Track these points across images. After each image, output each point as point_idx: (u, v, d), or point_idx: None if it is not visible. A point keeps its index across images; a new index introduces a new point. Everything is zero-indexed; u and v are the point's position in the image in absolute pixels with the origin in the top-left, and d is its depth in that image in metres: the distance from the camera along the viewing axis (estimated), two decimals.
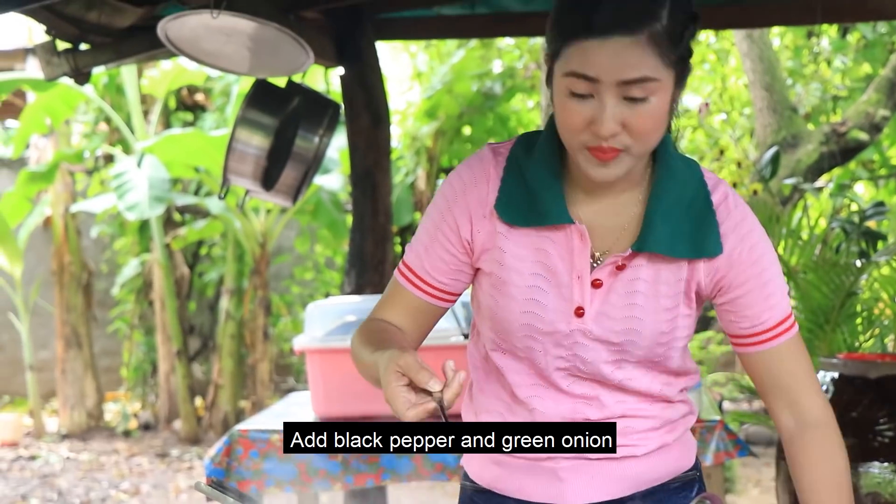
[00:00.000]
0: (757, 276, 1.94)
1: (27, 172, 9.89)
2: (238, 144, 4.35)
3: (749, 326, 1.96)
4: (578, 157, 1.83)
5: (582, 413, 1.97)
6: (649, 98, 1.76)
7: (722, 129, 9.44)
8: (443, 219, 1.98)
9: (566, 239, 1.91)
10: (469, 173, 1.98)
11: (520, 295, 1.93)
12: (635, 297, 1.91)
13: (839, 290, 4.59)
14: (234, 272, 10.56)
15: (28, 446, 10.23)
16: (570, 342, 1.93)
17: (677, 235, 1.89)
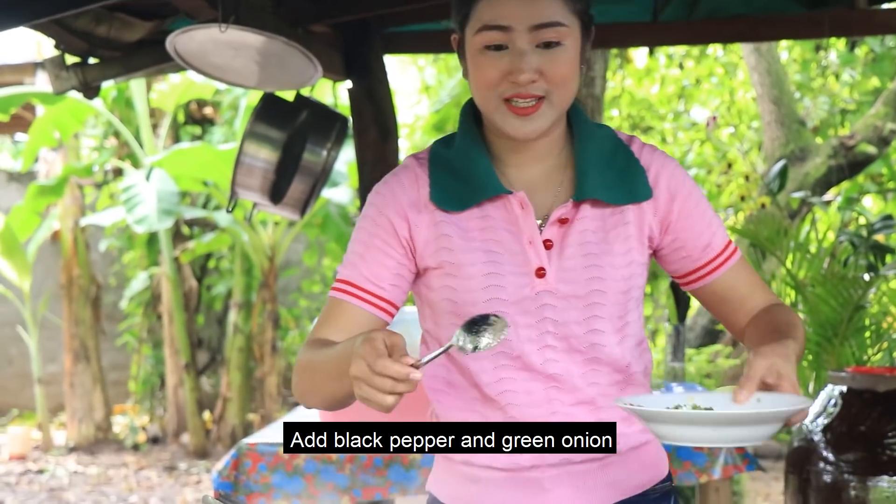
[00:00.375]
0: (695, 206, 2.02)
1: (36, 186, 9.91)
2: (246, 158, 4.36)
3: (700, 256, 2.03)
4: (496, 116, 1.90)
5: (556, 400, 1.95)
6: (562, 42, 1.86)
7: (730, 143, 9.45)
8: (376, 225, 1.98)
9: (507, 210, 1.95)
10: (395, 180, 2.01)
11: (477, 273, 1.94)
12: (589, 248, 1.95)
13: (847, 303, 4.58)
14: (243, 285, 10.57)
15: (36, 460, 10.24)
16: (538, 305, 1.93)
17: (610, 183, 1.96)
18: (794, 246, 4.87)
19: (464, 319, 1.88)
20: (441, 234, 1.96)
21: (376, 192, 2.02)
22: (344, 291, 1.98)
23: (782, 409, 1.62)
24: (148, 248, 10.79)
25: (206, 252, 10.76)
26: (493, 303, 1.93)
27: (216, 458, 9.74)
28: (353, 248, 2.00)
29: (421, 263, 1.99)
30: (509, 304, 1.93)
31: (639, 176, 1.98)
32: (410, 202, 1.98)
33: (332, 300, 1.99)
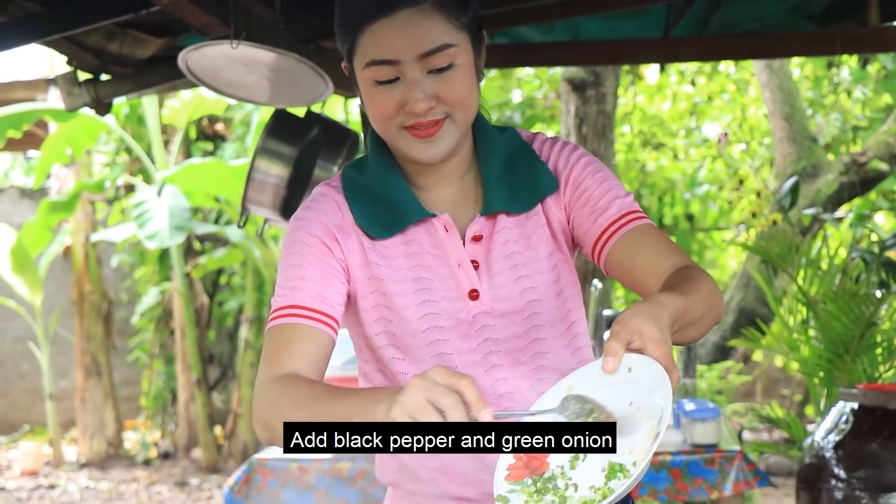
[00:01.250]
0: (591, 174, 1.94)
1: (48, 202, 9.95)
2: (258, 174, 4.37)
3: (604, 219, 1.89)
4: (399, 142, 1.85)
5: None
6: (453, 65, 1.80)
7: (741, 159, 9.44)
8: (308, 246, 1.89)
9: (430, 234, 1.91)
10: (316, 206, 1.94)
11: (411, 302, 1.89)
12: (515, 259, 1.91)
13: (859, 320, 4.57)
14: (254, 301, 10.57)
15: (48, 475, 10.24)
16: (478, 328, 1.90)
17: (517, 189, 1.92)
18: (805, 262, 4.86)
19: (405, 352, 1.90)
20: (370, 263, 1.91)
21: (299, 219, 1.93)
22: (294, 315, 1.85)
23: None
24: (159, 263, 10.81)
25: (218, 268, 10.77)
26: (431, 331, 1.89)
27: (227, 473, 9.74)
28: (287, 275, 1.89)
29: (352, 289, 1.92)
30: (447, 330, 1.90)
31: (542, 172, 1.94)
32: (337, 226, 1.91)
33: (282, 327, 1.86)
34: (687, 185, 10.25)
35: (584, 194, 1.93)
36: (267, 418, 1.76)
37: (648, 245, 1.87)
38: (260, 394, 1.80)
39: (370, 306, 1.92)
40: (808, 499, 3.81)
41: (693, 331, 1.71)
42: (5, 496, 9.41)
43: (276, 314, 1.88)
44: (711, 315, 1.77)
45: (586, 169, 1.95)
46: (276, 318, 1.87)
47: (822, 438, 3.86)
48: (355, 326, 1.98)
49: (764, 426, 8.36)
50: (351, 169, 1.98)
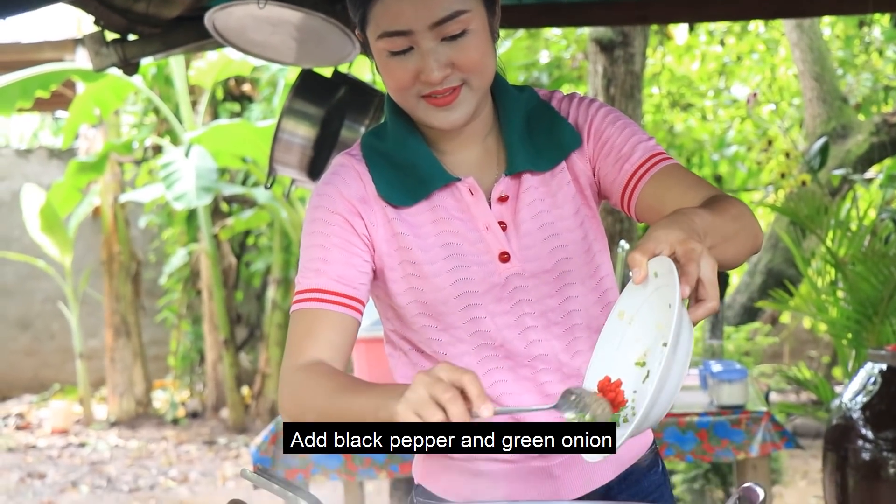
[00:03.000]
0: (611, 123, 1.92)
1: (77, 163, 9.98)
2: (284, 134, 4.36)
3: (630, 165, 1.87)
4: (418, 111, 1.84)
5: (546, 382, 1.92)
6: (466, 31, 1.78)
7: (770, 120, 9.38)
8: (330, 225, 1.88)
9: (456, 198, 1.90)
10: (337, 179, 1.92)
11: (441, 269, 1.88)
12: (542, 218, 1.90)
13: (888, 281, 4.55)
14: (281, 262, 10.60)
15: (78, 434, 10.33)
16: (510, 290, 1.89)
17: (540, 148, 1.91)
18: (834, 224, 4.84)
19: (437, 319, 1.89)
20: (396, 233, 1.89)
21: (320, 195, 1.92)
22: (318, 300, 1.85)
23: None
24: (187, 224, 10.85)
25: (245, 229, 10.80)
26: (464, 297, 1.88)
27: (255, 433, 9.80)
28: (311, 255, 1.88)
29: (378, 263, 1.91)
30: (480, 294, 1.89)
31: (564, 128, 1.93)
32: (359, 199, 1.90)
33: (306, 312, 1.86)
34: (715, 146, 10.19)
35: (606, 143, 1.92)
36: (290, 408, 1.79)
37: (678, 183, 1.84)
38: (284, 382, 1.81)
39: (399, 277, 1.90)
40: (834, 460, 3.81)
41: (730, 248, 1.66)
42: (36, 454, 9.51)
43: (300, 297, 1.88)
44: (747, 235, 1.72)
45: (606, 118, 1.93)
46: (300, 300, 1.88)
47: (850, 400, 3.85)
48: (384, 298, 1.96)
49: (791, 388, 8.34)
50: (370, 136, 1.96)
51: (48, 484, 8.32)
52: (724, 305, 5.05)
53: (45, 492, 8.05)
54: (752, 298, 7.48)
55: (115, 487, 8.17)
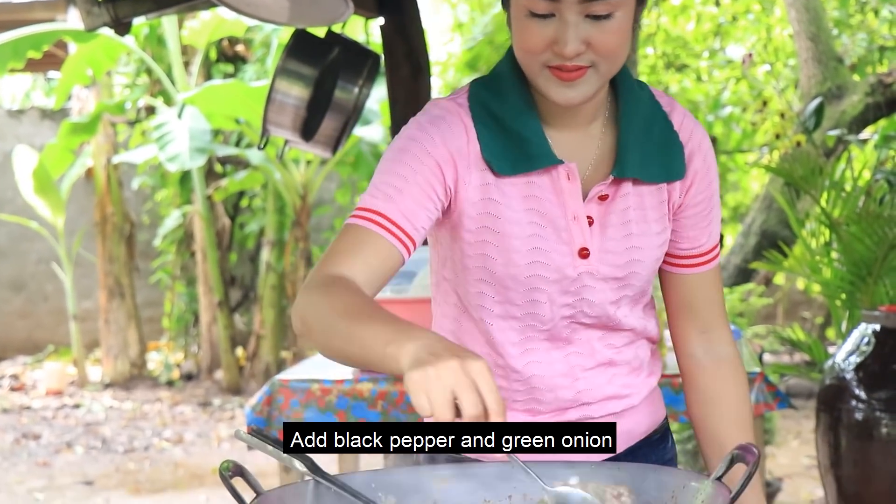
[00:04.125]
0: (709, 198, 1.94)
1: (69, 124, 9.94)
2: (277, 95, 4.35)
3: (687, 248, 1.96)
4: (539, 80, 1.76)
5: (577, 366, 1.93)
6: (613, 14, 1.70)
7: (766, 81, 9.36)
8: (422, 164, 1.79)
9: (553, 181, 1.84)
10: (443, 124, 1.83)
11: (522, 246, 1.83)
12: (630, 227, 1.87)
13: (882, 242, 4.54)
14: (275, 224, 10.60)
15: (72, 395, 10.36)
16: (578, 286, 1.86)
17: (649, 159, 1.86)
18: (829, 184, 4.83)
19: (498, 291, 1.86)
20: (487, 198, 1.83)
21: (422, 130, 1.83)
22: (376, 223, 1.76)
23: None
24: (181, 185, 10.83)
25: (239, 190, 10.79)
26: (534, 279, 1.85)
27: (249, 394, 9.83)
28: (388, 180, 1.79)
29: (456, 219, 1.85)
30: (550, 282, 1.85)
31: (677, 153, 1.88)
32: (460, 153, 1.82)
33: (359, 229, 1.77)
34: (710, 107, 10.17)
35: (697, 206, 1.94)
36: (304, 311, 1.68)
37: (705, 296, 2.00)
38: (308, 282, 1.72)
39: (475, 240, 1.86)
40: (827, 420, 3.82)
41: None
42: (31, 415, 9.53)
43: (360, 213, 1.78)
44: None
45: (711, 186, 1.94)
46: (358, 216, 1.78)
47: (843, 360, 3.85)
48: (450, 249, 1.91)
49: (785, 349, 8.36)
50: (482, 90, 1.88)
51: (43, 445, 8.34)
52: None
53: (39, 452, 8.07)
54: (746, 260, 7.49)
55: (110, 448, 8.19)
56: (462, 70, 10.22)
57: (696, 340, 2.01)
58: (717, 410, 2.00)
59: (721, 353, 2.01)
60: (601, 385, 1.95)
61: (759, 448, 1.55)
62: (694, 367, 2.02)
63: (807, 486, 6.55)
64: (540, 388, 1.93)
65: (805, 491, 6.42)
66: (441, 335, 1.48)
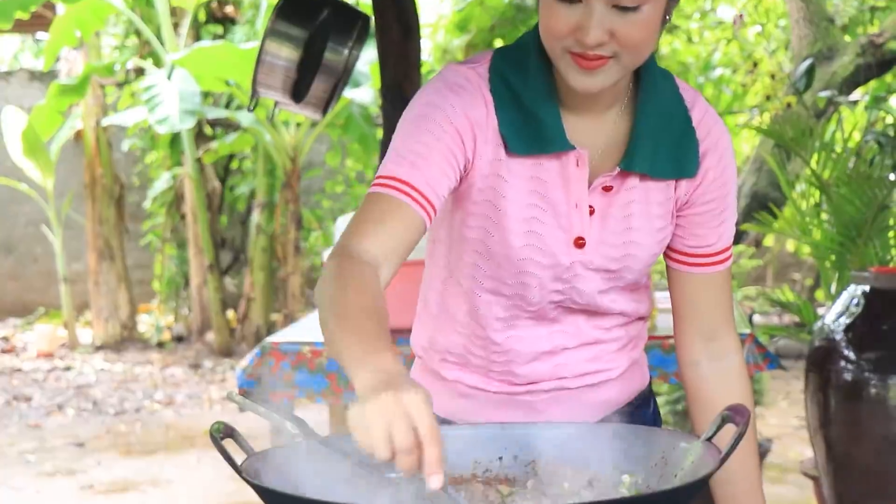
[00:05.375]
0: (722, 197, 1.91)
1: (58, 85, 9.90)
2: (267, 56, 4.32)
3: (695, 246, 1.92)
4: (560, 63, 1.74)
5: (559, 343, 1.92)
6: (641, 7, 1.67)
7: (756, 42, 9.34)
8: (444, 132, 1.77)
9: (562, 165, 1.82)
10: (464, 93, 1.81)
11: (518, 228, 1.82)
12: (630, 221, 1.85)
13: (872, 203, 4.55)
14: (265, 186, 10.58)
15: (63, 357, 10.36)
16: (570, 275, 1.85)
17: (661, 154, 1.83)
18: (819, 146, 4.82)
19: (490, 268, 1.85)
20: (496, 174, 1.82)
21: (444, 97, 1.80)
22: (402, 192, 1.73)
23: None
24: (171, 148, 10.80)
25: (229, 152, 10.75)
26: (526, 262, 1.84)
27: (240, 356, 9.84)
28: (412, 148, 1.76)
29: (465, 189, 1.84)
30: (543, 267, 1.84)
31: (691, 150, 1.85)
32: (479, 125, 1.80)
33: (386, 198, 1.74)
34: (701, 69, 10.15)
35: (707, 209, 1.90)
36: (319, 290, 1.67)
37: (711, 300, 1.95)
38: (331, 258, 1.71)
39: (476, 212, 1.85)
40: (817, 381, 3.83)
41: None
42: (22, 377, 9.53)
43: (385, 181, 1.75)
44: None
45: (726, 186, 1.90)
46: (383, 185, 1.75)
47: (833, 321, 3.87)
48: (449, 214, 1.90)
49: (774, 310, 8.38)
50: (504, 63, 1.84)
51: (34, 407, 8.35)
52: None
53: (31, 414, 8.08)
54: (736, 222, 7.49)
55: (101, 410, 8.20)
56: (452, 31, 10.18)
57: (700, 347, 1.98)
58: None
59: (726, 365, 1.98)
60: (581, 362, 1.95)
61: (749, 408, 1.56)
62: (697, 378, 1.98)
63: (796, 446, 6.59)
64: (517, 362, 1.93)
65: (794, 451, 6.46)
66: (396, 362, 1.46)
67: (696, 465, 1.52)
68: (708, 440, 1.54)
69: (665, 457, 1.60)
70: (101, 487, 6.17)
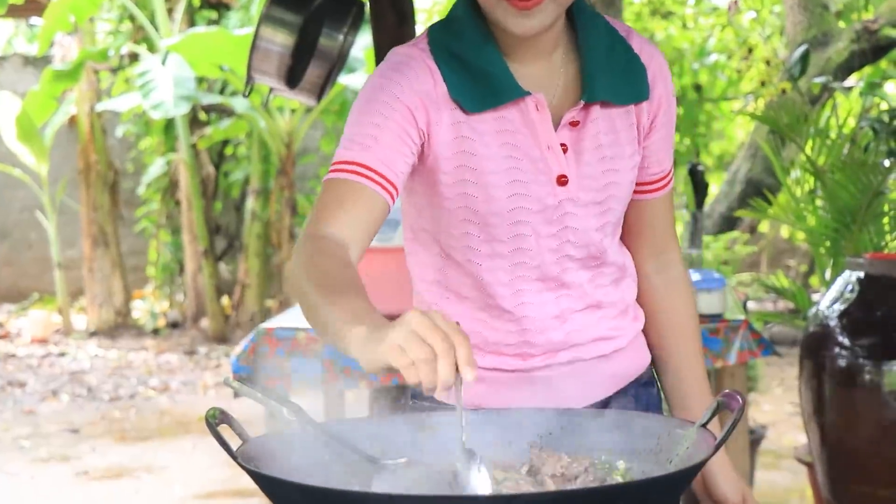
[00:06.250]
0: (670, 120, 2.00)
1: (52, 71, 9.88)
2: (262, 42, 4.32)
3: (657, 171, 2.02)
4: (497, 11, 1.78)
5: (567, 307, 1.94)
6: None
7: (751, 28, 9.33)
8: (393, 110, 1.80)
9: (522, 113, 1.85)
10: (408, 70, 1.84)
11: (501, 181, 1.84)
12: (603, 151, 1.89)
13: (866, 189, 4.55)
14: (260, 172, 10.57)
15: (57, 343, 10.36)
16: (560, 214, 1.88)
17: (615, 81, 1.89)
18: (814, 132, 4.83)
19: (482, 230, 1.86)
20: (460, 136, 1.84)
21: (388, 78, 1.83)
22: (357, 174, 1.76)
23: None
24: (165, 133, 10.78)
25: (224, 138, 10.74)
26: (517, 212, 1.86)
27: (235, 342, 9.84)
28: (362, 130, 1.79)
29: (432, 162, 1.86)
30: (533, 213, 1.86)
31: (641, 75, 1.92)
32: (428, 96, 1.83)
33: (342, 182, 1.77)
34: (696, 55, 10.14)
35: (662, 131, 1.98)
36: (291, 276, 1.71)
37: (663, 219, 2.08)
38: (298, 246, 1.73)
39: (454, 181, 1.86)
40: (811, 367, 3.84)
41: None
42: (16, 362, 9.54)
43: (339, 167, 1.78)
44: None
45: (672, 107, 1.99)
46: (338, 171, 1.78)
47: (827, 308, 3.87)
48: (427, 196, 1.91)
49: (769, 296, 8.40)
50: (440, 32, 1.89)
51: (28, 392, 8.36)
52: (704, 214, 5.06)
53: (25, 400, 8.09)
54: (731, 207, 7.49)
55: (96, 396, 8.21)
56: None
57: (651, 262, 2.09)
58: (667, 328, 2.09)
59: (672, 274, 2.10)
60: (589, 326, 1.97)
61: (743, 396, 1.56)
62: (649, 288, 2.09)
63: (790, 433, 6.60)
64: (531, 330, 1.94)
65: (789, 438, 6.47)
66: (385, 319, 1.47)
67: (691, 451, 1.53)
68: (703, 426, 1.55)
69: (660, 443, 1.61)
70: (96, 473, 6.18)
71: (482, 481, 1.46)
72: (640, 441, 1.64)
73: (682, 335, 2.09)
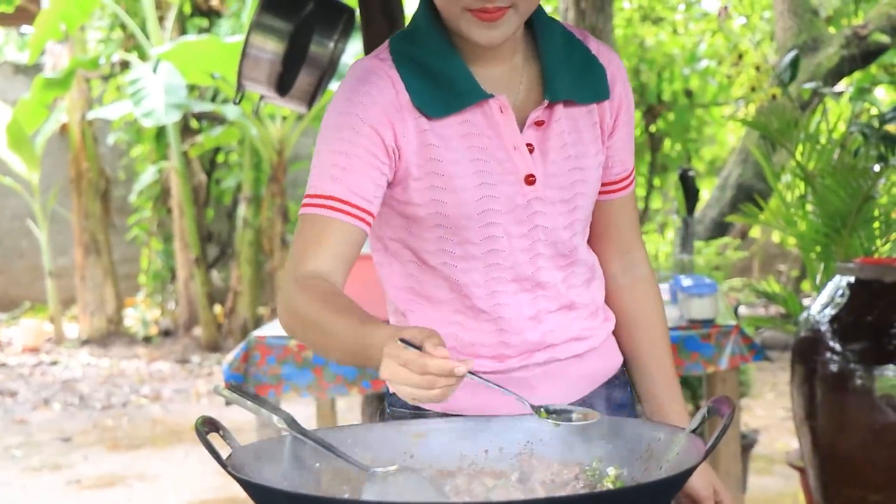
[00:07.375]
0: (630, 119, 2.04)
1: (43, 79, 9.87)
2: (252, 49, 4.32)
3: (620, 171, 2.06)
4: (461, 23, 1.82)
5: (542, 308, 1.96)
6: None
7: (741, 34, 9.35)
8: (358, 135, 1.83)
9: (486, 116, 1.89)
10: (371, 86, 1.87)
11: (469, 184, 1.87)
12: (568, 150, 1.93)
13: (857, 194, 4.56)
14: (252, 179, 10.56)
15: (49, 352, 10.34)
16: (530, 213, 1.91)
17: (577, 81, 1.94)
18: (804, 137, 4.83)
19: (455, 233, 1.89)
20: (427, 144, 1.87)
21: (350, 101, 1.86)
22: (330, 208, 1.82)
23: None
24: (156, 141, 10.77)
25: (215, 146, 10.74)
26: (487, 214, 1.88)
27: (227, 350, 9.83)
28: (331, 161, 1.84)
29: (402, 172, 1.88)
30: (502, 213, 1.89)
31: (600, 75, 1.97)
32: (392, 108, 1.86)
33: (316, 218, 1.83)
34: (686, 61, 10.16)
35: (623, 131, 2.03)
36: (285, 319, 1.80)
37: (628, 218, 2.12)
38: (283, 289, 1.81)
39: (424, 187, 1.88)
40: (802, 372, 3.84)
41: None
42: (7, 371, 9.52)
43: (312, 201, 1.84)
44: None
45: (630, 109, 2.03)
46: (312, 205, 1.84)
47: (818, 312, 3.88)
48: (397, 206, 1.93)
49: (760, 301, 8.41)
50: (401, 42, 1.92)
51: (20, 401, 8.34)
52: (695, 220, 5.07)
53: (17, 409, 8.07)
54: (722, 213, 7.51)
55: (88, 405, 8.19)
56: None
57: (617, 262, 2.13)
58: (636, 327, 2.13)
59: (638, 274, 2.14)
60: (564, 326, 1.99)
61: (735, 401, 1.57)
62: (615, 287, 2.13)
63: (782, 437, 6.61)
64: (508, 331, 1.96)
65: (780, 442, 6.48)
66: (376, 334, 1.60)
67: (681, 457, 1.53)
68: (693, 432, 1.55)
69: (650, 449, 1.61)
70: (88, 482, 6.17)
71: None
72: (630, 447, 1.64)
73: (651, 334, 2.13)
